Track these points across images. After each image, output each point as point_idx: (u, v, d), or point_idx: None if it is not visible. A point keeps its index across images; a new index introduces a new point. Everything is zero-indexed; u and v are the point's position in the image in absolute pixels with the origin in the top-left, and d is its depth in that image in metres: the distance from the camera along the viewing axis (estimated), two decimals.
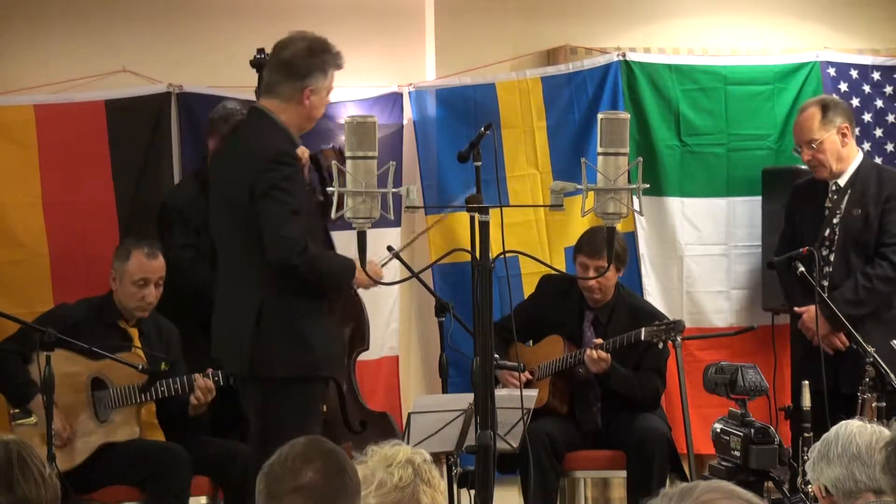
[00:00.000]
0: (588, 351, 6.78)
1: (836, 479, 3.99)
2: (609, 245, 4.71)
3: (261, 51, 6.71)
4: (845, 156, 6.90)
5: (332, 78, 5.79)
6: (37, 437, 6.08)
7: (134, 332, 6.57)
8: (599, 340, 6.80)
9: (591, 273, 6.81)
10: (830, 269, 6.86)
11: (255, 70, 6.73)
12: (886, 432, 3.96)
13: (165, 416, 6.60)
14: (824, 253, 6.86)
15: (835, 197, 6.90)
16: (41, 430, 6.04)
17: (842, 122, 6.91)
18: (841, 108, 6.98)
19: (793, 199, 7.09)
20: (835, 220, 6.91)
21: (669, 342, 6.77)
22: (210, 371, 6.37)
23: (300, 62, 5.76)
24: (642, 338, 6.72)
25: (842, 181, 6.92)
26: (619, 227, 4.59)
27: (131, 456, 6.36)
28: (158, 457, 6.36)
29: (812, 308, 6.73)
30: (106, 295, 6.60)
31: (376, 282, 5.48)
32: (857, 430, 4.01)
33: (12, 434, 6.22)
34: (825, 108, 6.92)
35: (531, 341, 7.12)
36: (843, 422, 4.11)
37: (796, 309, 6.86)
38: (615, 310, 7.03)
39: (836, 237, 6.90)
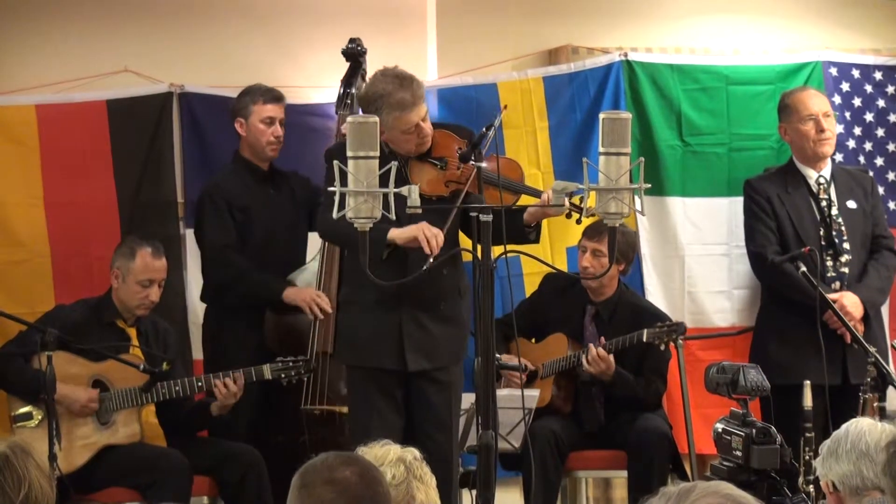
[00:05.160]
0: (590, 347, 6.77)
1: (843, 476, 4.00)
2: (611, 244, 4.71)
3: (353, 40, 6.87)
4: None
5: (397, 121, 5.78)
6: (37, 438, 6.08)
7: (132, 332, 6.57)
8: (603, 340, 6.80)
9: (588, 255, 6.85)
10: (850, 258, 6.92)
11: (345, 59, 6.88)
12: None
13: (175, 419, 6.59)
14: (836, 241, 6.90)
15: (823, 188, 6.97)
16: (44, 431, 6.04)
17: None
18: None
19: (765, 189, 7.07)
20: (833, 212, 6.95)
21: (671, 343, 6.79)
22: (238, 372, 6.38)
23: (360, 108, 5.93)
24: (644, 339, 6.73)
25: (826, 174, 7.03)
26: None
27: (132, 462, 6.35)
28: (159, 464, 6.35)
29: (847, 293, 6.80)
30: (104, 294, 6.60)
31: (376, 281, 5.47)
32: (867, 428, 4.02)
33: (13, 436, 6.26)
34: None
35: (535, 339, 7.13)
36: (855, 419, 4.12)
37: (831, 296, 6.79)
38: (618, 307, 7.04)
39: (844, 228, 6.94)
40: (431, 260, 5.54)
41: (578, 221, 5.43)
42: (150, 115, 7.32)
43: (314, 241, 6.95)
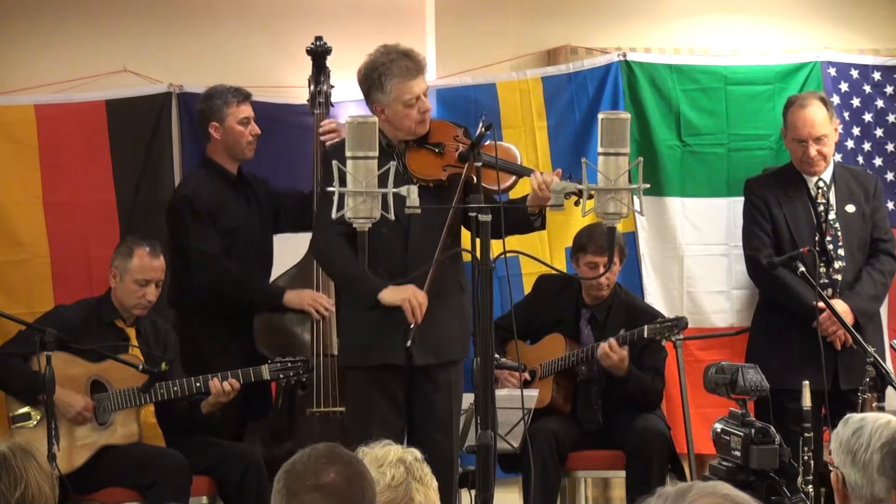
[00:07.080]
0: (603, 345, 6.76)
1: (854, 483, 3.94)
2: (610, 245, 4.72)
3: (318, 38, 6.86)
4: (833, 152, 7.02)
5: (399, 88, 5.74)
6: (36, 438, 6.08)
7: (131, 332, 6.57)
8: (614, 341, 6.79)
9: (584, 269, 6.86)
10: (843, 265, 6.88)
11: (311, 58, 6.88)
12: None
13: (168, 417, 6.59)
14: (829, 248, 6.88)
15: (822, 192, 6.94)
16: (43, 432, 6.04)
17: (836, 119, 7.03)
18: (832, 105, 7.07)
19: (764, 191, 7.04)
20: (831, 217, 6.93)
21: (668, 341, 6.79)
22: (237, 372, 6.38)
23: (360, 84, 5.85)
24: (645, 335, 6.74)
25: (826, 177, 6.98)
26: (618, 226, 4.59)
27: (132, 462, 6.35)
28: (158, 464, 6.35)
29: (838, 302, 6.75)
30: (103, 295, 6.60)
31: (375, 281, 5.48)
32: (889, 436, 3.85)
33: (12, 436, 6.25)
34: (825, 102, 6.99)
35: (529, 340, 7.13)
36: (885, 417, 3.91)
37: (821, 306, 6.74)
38: (612, 308, 7.05)
39: (840, 234, 6.91)
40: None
41: (577, 203, 5.45)
42: (149, 116, 7.33)
43: (296, 247, 6.95)
